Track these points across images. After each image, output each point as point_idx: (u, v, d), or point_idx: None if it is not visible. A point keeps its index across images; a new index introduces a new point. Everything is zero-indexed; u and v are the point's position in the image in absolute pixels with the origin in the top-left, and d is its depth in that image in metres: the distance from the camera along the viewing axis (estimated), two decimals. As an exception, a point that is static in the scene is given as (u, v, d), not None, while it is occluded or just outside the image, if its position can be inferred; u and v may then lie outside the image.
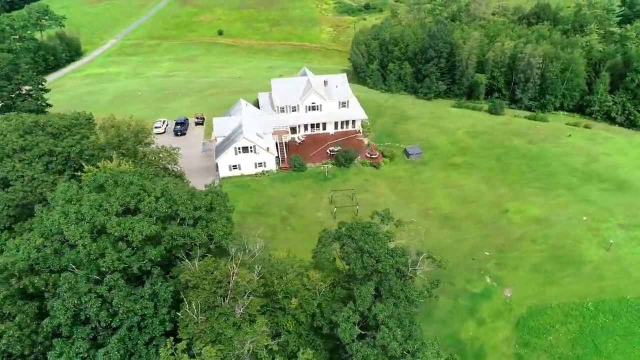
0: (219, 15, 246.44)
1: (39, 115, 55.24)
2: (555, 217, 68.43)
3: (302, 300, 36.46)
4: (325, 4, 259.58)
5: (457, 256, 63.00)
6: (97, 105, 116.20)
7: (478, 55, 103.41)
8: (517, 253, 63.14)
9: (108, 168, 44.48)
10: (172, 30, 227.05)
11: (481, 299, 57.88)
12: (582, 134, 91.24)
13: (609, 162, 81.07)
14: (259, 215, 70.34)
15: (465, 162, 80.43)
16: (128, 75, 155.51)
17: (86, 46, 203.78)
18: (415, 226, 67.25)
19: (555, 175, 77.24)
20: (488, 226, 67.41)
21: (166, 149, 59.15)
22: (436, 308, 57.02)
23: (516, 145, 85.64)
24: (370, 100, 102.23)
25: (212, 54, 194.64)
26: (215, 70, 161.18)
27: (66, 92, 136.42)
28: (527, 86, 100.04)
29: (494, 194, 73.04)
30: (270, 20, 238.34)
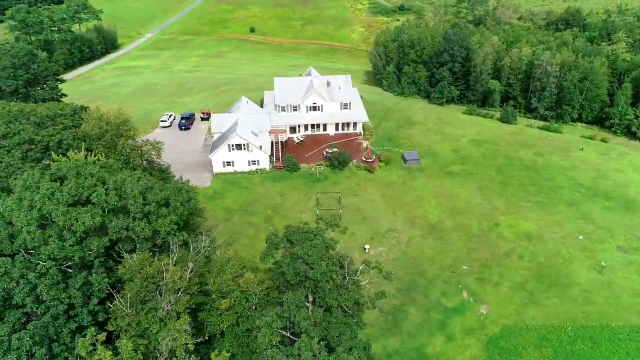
0: (254, 12, 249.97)
1: (26, 105, 57.66)
2: (549, 234, 65.11)
3: (235, 301, 36.31)
4: (359, 4, 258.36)
5: (437, 268, 61.17)
6: (117, 96, 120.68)
7: (494, 61, 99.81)
8: (501, 269, 60.54)
9: (74, 159, 45.90)
10: (206, 26, 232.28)
11: (454, 313, 55.88)
12: (596, 148, 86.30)
13: (620, 180, 76.28)
14: (244, 213, 70.74)
15: (463, 170, 77.82)
16: (155, 69, 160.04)
17: (123, 39, 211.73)
18: (398, 234, 65.83)
19: (557, 190, 73.45)
20: (475, 239, 64.95)
21: (151, 143, 60.43)
22: (405, 320, 55.66)
23: (521, 156, 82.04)
24: (379, 102, 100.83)
25: (240, 51, 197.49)
26: (240, 67, 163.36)
27: (94, 83, 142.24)
28: (543, 95, 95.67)
29: (488, 206, 70.27)
30: (304, 19, 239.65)
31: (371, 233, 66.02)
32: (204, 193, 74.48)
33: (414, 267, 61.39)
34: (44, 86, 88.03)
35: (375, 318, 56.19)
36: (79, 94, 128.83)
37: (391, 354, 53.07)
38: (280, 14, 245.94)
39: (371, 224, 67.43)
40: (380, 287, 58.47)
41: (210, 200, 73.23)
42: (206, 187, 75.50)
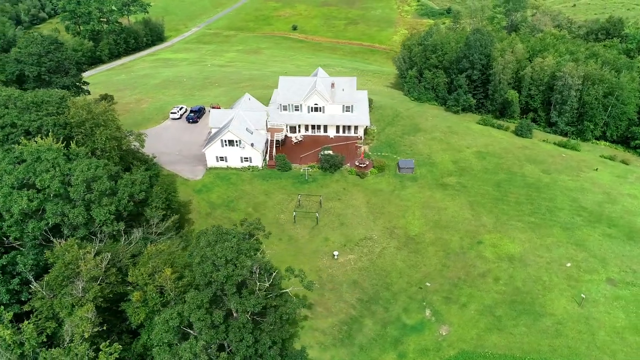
0: (300, 10, 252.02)
1: (15, 90, 61.16)
2: (533, 257, 61.00)
3: (148, 295, 36.81)
4: (407, 6, 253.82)
5: (405, 282, 59.07)
6: (143, 87, 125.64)
7: (515, 70, 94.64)
8: (472, 290, 57.47)
9: (39, 144, 48.28)
10: (251, 22, 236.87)
11: (412, 331, 53.74)
12: (613, 170, 79.65)
13: (630, 206, 70.02)
14: (226, 208, 71.61)
15: (458, 183, 74.43)
16: (191, 62, 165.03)
17: (171, 32, 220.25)
18: (372, 243, 64.11)
19: (555, 211, 68.56)
20: (452, 256, 62.02)
21: (134, 133, 62.44)
22: (360, 332, 54.25)
23: (526, 172, 77.25)
24: (389, 107, 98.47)
25: (278, 48, 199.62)
26: (271, 64, 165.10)
27: (130, 73, 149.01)
28: (563, 109, 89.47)
29: (475, 222, 66.81)
30: (348, 19, 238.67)
31: (345, 240, 64.75)
32: (193, 186, 76.36)
33: (380, 278, 59.59)
34: (67, 74, 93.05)
35: (330, 326, 55.37)
36: (112, 82, 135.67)
37: (337, 365, 51.91)
38: (325, 13, 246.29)
39: (347, 230, 66.12)
40: (340, 296, 57.72)
41: (198, 194, 74.79)
42: (197, 180, 77.14)
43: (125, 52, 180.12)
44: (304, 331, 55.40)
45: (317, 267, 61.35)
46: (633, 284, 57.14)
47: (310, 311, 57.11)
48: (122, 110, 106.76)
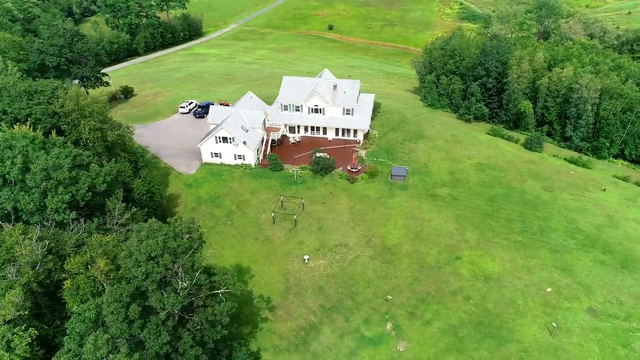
0: (338, 10, 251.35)
1: (9, 79, 64.47)
2: (512, 279, 57.84)
3: (80, 284, 37.86)
4: (449, 9, 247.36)
5: (371, 292, 57.64)
6: (165, 80, 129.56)
7: (531, 79, 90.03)
8: (439, 307, 55.26)
9: (13, 132, 50.73)
10: (288, 20, 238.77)
11: (369, 344, 52.38)
12: (624, 192, 74.07)
13: (632, 232, 64.91)
14: (212, 204, 72.55)
15: (449, 195, 71.70)
16: (220, 58, 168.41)
17: (209, 28, 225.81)
18: (346, 250, 62.94)
19: (547, 232, 64.62)
20: (426, 270, 59.85)
21: (123, 126, 64.46)
22: (316, 339, 53.56)
23: (525, 188, 73.31)
24: (398, 112, 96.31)
25: (311, 47, 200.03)
26: (298, 63, 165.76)
27: (159, 67, 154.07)
28: (579, 123, 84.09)
29: (457, 237, 64.14)
30: (385, 20, 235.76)
31: (320, 244, 63.97)
32: (185, 180, 77.94)
33: (347, 287, 58.43)
34: (85, 65, 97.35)
35: (287, 330, 54.99)
36: (140, 74, 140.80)
37: (287, 370, 51.45)
38: (363, 14, 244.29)
39: (324, 235, 65.28)
40: (304, 301, 57.15)
41: (188, 188, 76.27)
42: (190, 175, 78.66)
43: (161, 45, 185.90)
44: (262, 333, 55.35)
45: (286, 270, 61.02)
46: (616, 316, 52.96)
47: (271, 314, 56.97)
48: (139, 102, 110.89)
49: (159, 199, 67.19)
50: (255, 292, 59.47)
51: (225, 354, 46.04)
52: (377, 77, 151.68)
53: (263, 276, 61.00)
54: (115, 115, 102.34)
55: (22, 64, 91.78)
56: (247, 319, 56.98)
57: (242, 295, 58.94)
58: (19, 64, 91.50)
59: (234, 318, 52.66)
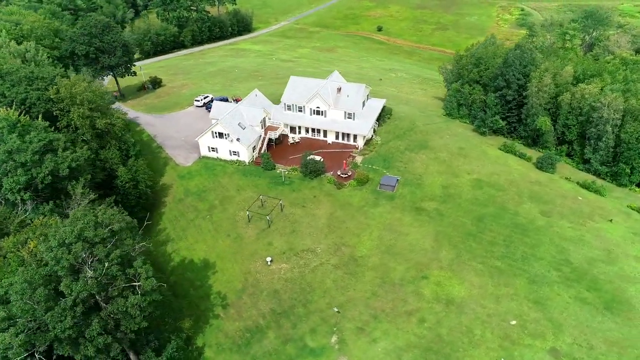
0: (392, 12, 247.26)
1: (12, 66, 68.75)
2: (475, 306, 54.27)
3: (11, 262, 40.09)
4: (508, 14, 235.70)
5: (325, 302, 56.49)
6: (197, 74, 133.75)
7: (553, 94, 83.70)
8: (390, 327, 53.08)
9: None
10: (338, 20, 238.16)
11: (310, 354, 51.41)
12: (634, 225, 66.89)
13: (629, 270, 58.56)
14: (197, 197, 74.18)
15: (435, 210, 68.36)
16: (260, 54, 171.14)
17: (260, 24, 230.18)
18: (312, 256, 61.94)
19: (531, 260, 59.88)
20: (388, 286, 57.57)
21: (115, 114, 67.56)
22: (259, 343, 53.44)
23: (520, 211, 68.33)
24: (409, 119, 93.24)
25: (355, 48, 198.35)
26: (336, 63, 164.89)
27: (198, 60, 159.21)
28: (598, 145, 76.97)
29: (430, 255, 61.05)
30: (438, 24, 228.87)
31: (287, 247, 63.44)
32: (180, 171, 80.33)
33: (302, 293, 57.56)
34: (113, 55, 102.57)
35: (234, 330, 55.26)
36: (177, 66, 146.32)
37: (224, 370, 51.64)
38: (417, 16, 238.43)
39: (295, 239, 64.65)
40: (256, 302, 57.06)
41: (180, 179, 78.54)
42: (185, 167, 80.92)
43: (208, 39, 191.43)
44: (211, 329, 55.97)
45: (247, 269, 61.16)
46: (581, 361, 48.15)
47: (224, 311, 57.42)
48: (164, 93, 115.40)
49: (144, 188, 69.60)
50: (214, 288, 60.22)
51: (155, 346, 46.92)
52: (410, 82, 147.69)
53: (225, 273, 61.58)
54: (138, 104, 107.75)
55: (55, 51, 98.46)
56: (201, 314, 57.85)
57: (201, 290, 60.31)
58: (52, 50, 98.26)
59: (178, 312, 53.65)
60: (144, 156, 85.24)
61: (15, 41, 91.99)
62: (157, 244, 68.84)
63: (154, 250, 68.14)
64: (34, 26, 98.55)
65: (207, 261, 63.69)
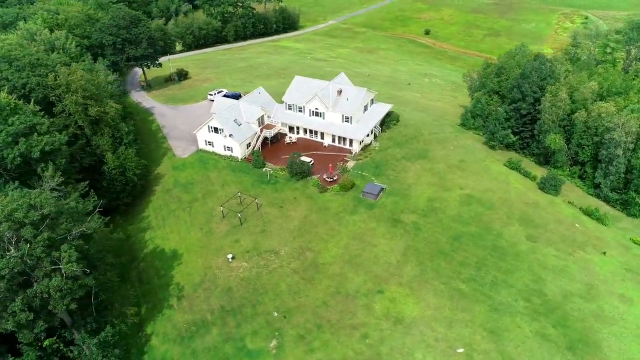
0: (444, 15, 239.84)
1: (21, 53, 73.21)
2: (424, 329, 51.56)
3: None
4: (569, 22, 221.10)
5: (273, 306, 56.13)
6: (225, 68, 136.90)
7: (568, 111, 77.60)
8: (332, 338, 51.76)
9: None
10: (387, 21, 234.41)
11: (246, 356, 51.40)
12: (630, 260, 60.39)
13: (608, 310, 53.05)
14: (184, 189, 76.01)
15: (413, 223, 65.49)
16: (297, 52, 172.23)
17: (307, 22, 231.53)
18: (273, 258, 61.57)
19: (500, 287, 55.90)
20: (340, 297, 56.05)
21: (111, 105, 70.81)
22: (201, 339, 54.08)
23: (505, 232, 63.92)
24: (417, 127, 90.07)
25: (397, 51, 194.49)
26: (370, 65, 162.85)
27: (234, 55, 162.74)
28: (609, 170, 70.26)
29: (393, 270, 58.67)
30: (491, 30, 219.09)
31: (253, 247, 63.47)
32: (175, 162, 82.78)
33: (254, 294, 57.39)
34: (139, 46, 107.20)
35: (182, 322, 56.34)
36: (210, 60, 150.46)
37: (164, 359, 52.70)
38: (469, 21, 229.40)
39: (262, 239, 64.54)
40: (208, 298, 57.81)
41: (174, 170, 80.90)
42: (181, 158, 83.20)
43: (252, 35, 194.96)
44: (162, 319, 57.31)
45: (209, 264, 61.87)
46: (522, 402, 44.31)
47: (178, 302, 58.56)
48: (187, 85, 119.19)
49: (131, 175, 72.25)
50: (175, 279, 61.53)
51: (92, 328, 48.66)
52: (442, 88, 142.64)
53: (188, 266, 62.69)
54: (160, 95, 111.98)
55: (85, 40, 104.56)
56: (157, 302, 59.37)
57: (163, 279, 61.84)
58: (83, 40, 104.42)
59: (125, 298, 55.20)
60: (147, 145, 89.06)
61: (49, 29, 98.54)
62: (138, 230, 71.49)
63: (134, 236, 71.15)
64: (68, 16, 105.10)
65: (175, 252, 65.18)
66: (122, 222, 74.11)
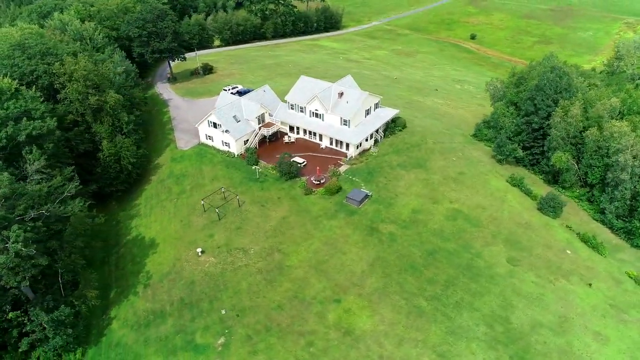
0: (494, 19, 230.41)
1: (35, 37, 77.38)
2: (372, 343, 49.89)
3: None
4: (632, 32, 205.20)
5: (230, 303, 56.46)
6: (253, 64, 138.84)
7: (580, 127, 72.20)
8: (278, 342, 51.36)
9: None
10: (433, 24, 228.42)
11: (192, 349, 52.13)
12: (617, 296, 55.04)
13: (576, 347, 48.73)
14: (176, 180, 77.98)
15: (390, 233, 63.36)
16: (331, 52, 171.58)
17: (351, 22, 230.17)
18: (241, 256, 61.75)
19: (464, 309, 52.92)
20: (297, 302, 55.32)
21: (111, 95, 73.91)
22: (156, 328, 55.24)
23: (484, 252, 60.39)
24: (422, 134, 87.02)
25: (437, 55, 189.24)
26: (403, 69, 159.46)
27: (267, 52, 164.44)
28: (614, 195, 64.50)
29: (355, 280, 57.07)
30: (542, 37, 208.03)
31: (224, 242, 64.01)
32: (174, 154, 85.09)
33: (215, 289, 57.89)
34: (163, 40, 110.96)
35: (142, 310, 58.00)
36: (242, 56, 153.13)
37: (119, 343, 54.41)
38: (520, 27, 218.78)
39: (235, 235, 64.90)
40: (171, 288, 59.08)
41: (171, 161, 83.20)
42: (181, 150, 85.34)
43: (291, 33, 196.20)
44: (127, 304, 59.18)
45: (179, 256, 63.05)
46: None
47: (143, 290, 60.20)
48: (210, 80, 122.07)
49: (126, 164, 74.97)
50: (146, 267, 63.25)
51: (49, 306, 51.00)
52: (472, 96, 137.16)
53: (161, 255, 64.23)
54: (182, 87, 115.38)
55: (114, 32, 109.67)
56: (125, 288, 61.32)
57: (136, 267, 63.81)
58: (112, 31, 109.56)
59: (88, 281, 57.20)
60: (154, 135, 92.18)
61: (80, 20, 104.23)
62: (127, 217, 74.18)
63: (122, 222, 73.95)
64: (101, 8, 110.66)
65: (154, 241, 66.97)
66: (116, 208, 77.32)
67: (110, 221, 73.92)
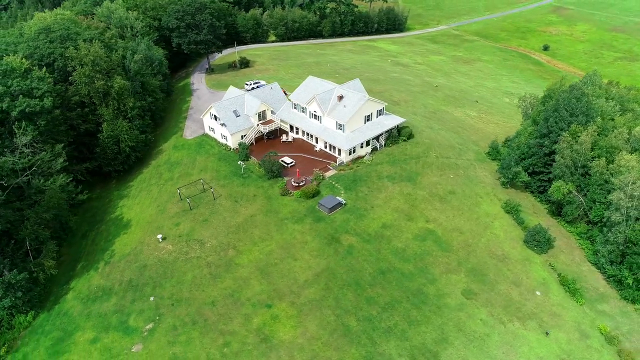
0: (576, 30, 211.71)
1: (59, 23, 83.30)
2: (284, 355, 48.77)
3: None
4: None
5: (171, 291, 57.99)
6: (292, 62, 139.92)
7: (588, 157, 64.33)
8: (196, 335, 51.87)
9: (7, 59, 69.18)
10: (504, 32, 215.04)
11: (122, 330, 54.32)
12: (573, 349, 48.00)
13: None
14: (168, 168, 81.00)
15: (350, 246, 60.88)
16: (382, 55, 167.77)
17: (417, 25, 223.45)
18: (196, 248, 62.79)
19: (395, 336, 49.51)
20: (232, 300, 55.26)
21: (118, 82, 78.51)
22: (100, 305, 58.01)
23: (441, 281, 55.88)
24: (426, 145, 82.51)
25: (498, 64, 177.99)
26: (450, 77, 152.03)
27: (317, 50, 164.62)
28: (608, 237, 56.39)
29: (295, 288, 55.57)
30: (628, 53, 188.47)
31: (186, 233, 65.39)
32: (177, 142, 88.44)
33: (163, 276, 59.49)
34: (200, 32, 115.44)
35: (95, 286, 61.23)
36: (287, 52, 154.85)
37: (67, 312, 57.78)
38: (603, 39, 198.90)
39: (200, 227, 66.04)
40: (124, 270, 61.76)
41: (172, 149, 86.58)
42: (185, 139, 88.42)
43: (350, 32, 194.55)
44: (86, 278, 62.70)
45: (141, 240, 65.45)
46: None
47: (103, 267, 63.32)
48: (243, 73, 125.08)
49: (124, 147, 79.16)
50: (113, 246, 66.47)
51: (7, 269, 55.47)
52: (515, 111, 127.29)
53: (130, 236, 67.15)
54: (215, 79, 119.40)
55: (155, 22, 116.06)
56: (90, 263, 64.86)
57: (106, 244, 67.38)
58: (154, 21, 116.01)
59: (49, 252, 60.97)
60: (168, 122, 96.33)
61: (126, 9, 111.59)
62: (118, 197, 78.38)
63: (112, 201, 78.24)
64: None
65: (129, 222, 70.18)
66: (113, 187, 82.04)
67: (104, 198, 78.73)
